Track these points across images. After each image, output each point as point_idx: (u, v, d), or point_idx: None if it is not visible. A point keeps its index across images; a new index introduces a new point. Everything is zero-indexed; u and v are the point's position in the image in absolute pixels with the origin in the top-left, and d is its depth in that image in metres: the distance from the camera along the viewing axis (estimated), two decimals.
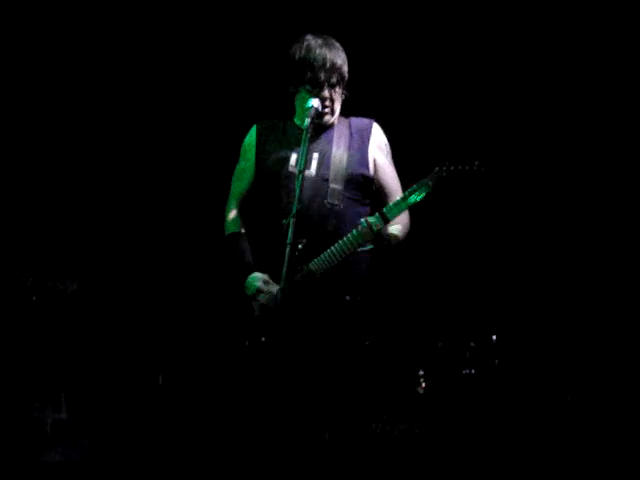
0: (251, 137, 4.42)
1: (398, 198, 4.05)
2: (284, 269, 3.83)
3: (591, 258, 6.09)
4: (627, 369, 5.77)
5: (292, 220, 3.87)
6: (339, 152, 4.24)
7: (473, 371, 5.74)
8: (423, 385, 5.72)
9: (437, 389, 5.75)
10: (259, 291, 4.13)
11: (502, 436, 5.51)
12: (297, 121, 4.36)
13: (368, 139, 4.32)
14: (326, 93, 4.19)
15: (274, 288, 4.08)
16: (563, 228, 6.14)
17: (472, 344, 5.80)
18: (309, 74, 4.16)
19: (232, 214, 4.41)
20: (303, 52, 4.18)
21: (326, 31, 4.29)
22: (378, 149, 4.33)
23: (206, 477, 5.51)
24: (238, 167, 4.46)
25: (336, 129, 4.31)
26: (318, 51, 4.16)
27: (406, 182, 4.17)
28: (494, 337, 5.80)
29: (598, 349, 5.88)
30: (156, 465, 5.69)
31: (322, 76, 4.15)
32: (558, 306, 6.02)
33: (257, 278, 4.16)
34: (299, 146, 4.14)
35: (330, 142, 4.27)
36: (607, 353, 5.86)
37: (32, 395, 5.85)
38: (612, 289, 5.98)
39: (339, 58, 4.21)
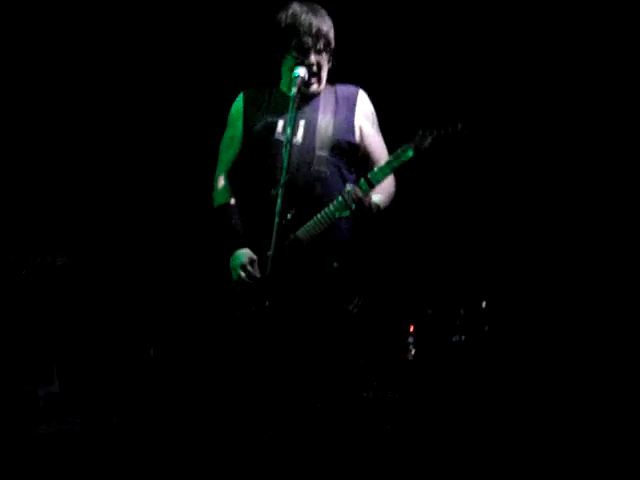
0: (238, 105, 4.42)
1: (383, 163, 4.06)
2: (273, 238, 3.84)
3: (581, 221, 6.09)
4: (619, 335, 5.78)
5: (281, 190, 3.88)
6: (325, 119, 4.24)
7: (463, 338, 5.75)
8: (412, 352, 5.74)
9: (427, 356, 5.77)
10: (242, 267, 4.13)
11: (492, 402, 5.53)
12: (283, 88, 4.36)
13: (354, 106, 4.31)
14: (312, 59, 4.18)
15: (257, 272, 4.11)
16: (552, 192, 6.13)
17: (462, 311, 5.81)
18: (295, 40, 4.15)
19: (221, 184, 4.40)
20: (289, 19, 4.17)
21: None
22: (364, 116, 4.33)
23: (199, 448, 5.52)
24: (225, 136, 4.45)
25: (322, 96, 4.30)
26: (304, 17, 4.16)
27: (392, 147, 4.16)
28: (484, 304, 5.81)
29: (590, 316, 5.88)
30: (149, 436, 5.70)
31: (308, 42, 4.14)
32: (548, 272, 6.03)
33: (244, 254, 4.17)
34: (286, 113, 4.16)
35: (316, 110, 4.27)
36: (599, 318, 5.86)
37: (24, 369, 5.85)
38: (603, 254, 5.98)
39: (325, 24, 4.20)
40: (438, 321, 5.85)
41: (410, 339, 5.76)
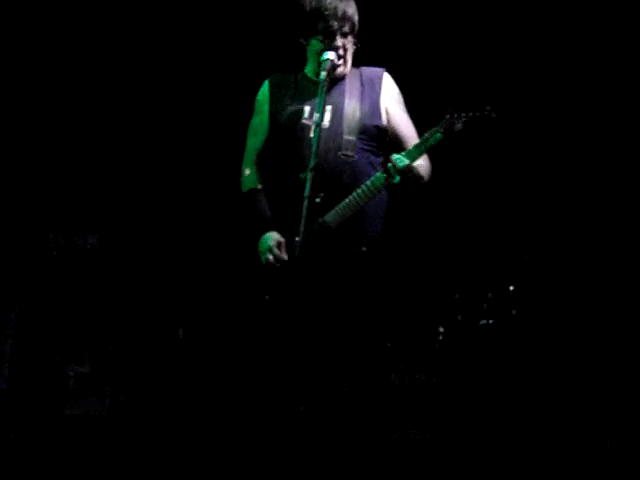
0: (264, 92, 4.43)
1: (411, 147, 4.06)
2: (302, 223, 3.84)
3: (612, 210, 6.05)
4: None
5: (309, 174, 3.87)
6: (352, 103, 4.24)
7: (491, 322, 5.74)
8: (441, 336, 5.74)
9: (455, 340, 5.76)
10: (270, 250, 4.14)
11: (519, 387, 5.52)
12: (308, 73, 4.36)
13: (379, 89, 4.31)
14: (339, 42, 4.17)
15: (284, 255, 4.12)
16: (581, 178, 6.10)
17: (489, 294, 5.79)
18: (321, 24, 4.15)
19: (249, 170, 4.42)
20: (314, 2, 4.17)
21: None
22: (390, 98, 4.32)
23: (226, 428, 5.55)
24: (252, 123, 4.46)
25: (348, 80, 4.30)
26: (329, 0, 4.15)
27: (419, 131, 4.17)
28: (511, 288, 5.79)
29: (616, 304, 5.85)
30: (177, 417, 5.73)
31: (335, 25, 4.14)
32: (576, 256, 5.99)
33: (272, 237, 4.18)
34: (312, 98, 4.19)
35: (342, 94, 4.27)
36: (625, 306, 5.83)
37: (55, 349, 5.90)
38: (633, 241, 5.95)
39: (350, 7, 4.21)
40: (465, 305, 5.84)
41: (440, 329, 5.76)
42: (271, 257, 4.13)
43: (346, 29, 4.18)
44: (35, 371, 5.82)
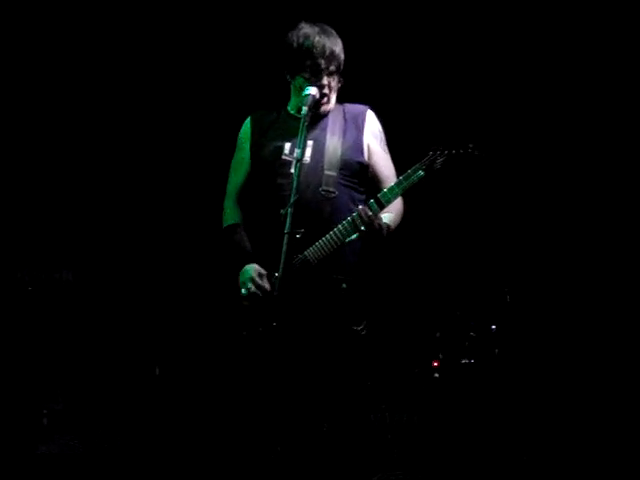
0: (246, 129, 4.44)
1: (393, 184, 4.03)
2: (282, 258, 3.81)
3: (591, 247, 6.06)
4: (628, 360, 5.74)
5: (290, 210, 3.86)
6: (334, 139, 4.23)
7: (472, 361, 5.72)
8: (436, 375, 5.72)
9: (436, 378, 5.73)
10: (252, 280, 4.10)
11: (501, 427, 5.49)
12: (291, 110, 4.37)
13: (362, 126, 4.30)
14: (325, 80, 4.18)
15: (266, 284, 4.08)
16: (562, 215, 6.11)
17: (472, 333, 5.78)
18: (309, 61, 4.15)
19: (229, 206, 4.43)
20: (301, 39, 4.17)
21: (317, 19, 4.27)
22: (372, 136, 4.31)
23: (203, 468, 5.49)
24: (234, 159, 4.47)
25: (330, 116, 4.30)
26: (317, 39, 4.16)
27: (401, 167, 4.13)
28: (493, 327, 5.77)
29: (598, 341, 5.85)
30: (153, 456, 5.67)
31: (322, 63, 4.14)
32: (558, 296, 6.00)
33: (253, 268, 4.14)
34: (293, 135, 4.17)
35: (324, 129, 4.26)
36: (607, 344, 5.84)
37: (29, 386, 5.82)
38: (612, 278, 5.95)
39: (337, 46, 4.22)
40: (448, 343, 5.82)
41: (435, 374, 5.73)
42: (253, 287, 4.09)
43: (332, 68, 4.18)
44: (8, 407, 5.73)
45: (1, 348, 5.87)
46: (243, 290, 4.13)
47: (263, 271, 4.13)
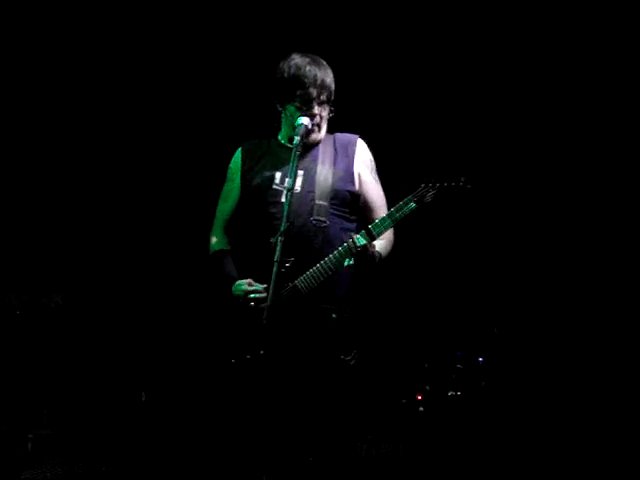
0: (237, 159, 4.45)
1: (384, 215, 4.04)
2: (271, 287, 3.82)
3: (580, 281, 6.07)
4: (619, 392, 5.74)
5: (280, 238, 3.86)
6: (324, 169, 4.24)
7: (459, 393, 5.71)
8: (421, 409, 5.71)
9: (424, 410, 5.72)
10: (247, 293, 4.10)
11: (487, 458, 5.48)
12: (281, 139, 4.38)
13: (353, 155, 4.31)
14: (316, 110, 4.20)
15: (260, 286, 4.09)
16: (552, 248, 6.12)
17: (458, 366, 5.77)
18: (300, 91, 4.16)
19: (217, 234, 4.45)
20: (293, 69, 4.19)
21: (307, 49, 4.31)
22: (363, 164, 4.32)
23: None
24: (224, 189, 4.48)
25: (321, 146, 4.31)
26: (309, 68, 4.18)
27: (392, 198, 4.16)
28: (480, 359, 5.78)
29: (585, 375, 5.85)
30: None
31: (313, 93, 4.16)
32: (545, 329, 6.00)
33: (242, 283, 4.16)
34: (283, 164, 4.21)
35: (315, 159, 4.27)
36: (595, 379, 5.83)
37: (14, 410, 5.79)
38: (601, 313, 5.96)
39: (328, 77, 4.24)
40: (434, 375, 5.81)
41: (420, 408, 5.72)
42: (249, 289, 4.10)
43: (323, 97, 4.20)
44: None
45: None
46: (251, 304, 4.11)
47: (250, 280, 4.14)
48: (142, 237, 6.52)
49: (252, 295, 4.11)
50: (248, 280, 4.15)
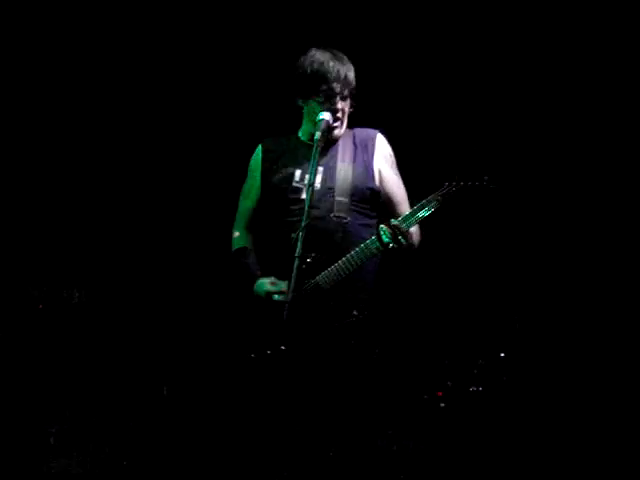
0: (257, 156, 4.47)
1: (407, 213, 4.03)
2: (292, 282, 3.81)
3: (603, 275, 6.04)
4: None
5: (301, 234, 3.86)
6: (344, 165, 4.24)
7: (481, 388, 5.69)
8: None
9: (445, 406, 5.70)
10: (270, 293, 4.11)
11: (510, 454, 5.46)
12: (302, 136, 4.39)
13: (373, 150, 4.31)
14: (339, 105, 4.21)
15: (283, 284, 4.09)
16: (576, 243, 6.09)
17: (480, 361, 5.76)
18: (324, 86, 4.16)
19: (238, 231, 4.48)
20: (316, 65, 4.19)
21: (327, 44, 4.31)
22: (383, 160, 4.32)
23: None
24: (245, 186, 4.51)
25: (341, 142, 4.32)
26: (332, 63, 4.19)
27: (415, 194, 4.15)
28: (502, 354, 5.76)
29: (607, 365, 5.83)
30: (160, 477, 5.65)
31: (337, 88, 4.17)
32: (568, 323, 5.98)
33: (264, 282, 4.18)
34: (303, 162, 4.24)
35: (335, 155, 4.28)
36: (617, 370, 5.81)
37: (37, 405, 5.82)
38: (622, 306, 5.93)
39: (350, 71, 4.25)
40: (456, 371, 5.80)
41: (442, 404, 5.71)
42: (276, 295, 4.12)
43: (346, 92, 4.21)
44: (15, 427, 5.73)
45: (12, 365, 5.88)
46: (274, 300, 4.13)
47: (273, 278, 4.17)
48: (165, 233, 6.53)
49: (275, 297, 4.12)
50: (271, 279, 4.15)
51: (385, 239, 3.99)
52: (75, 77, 6.42)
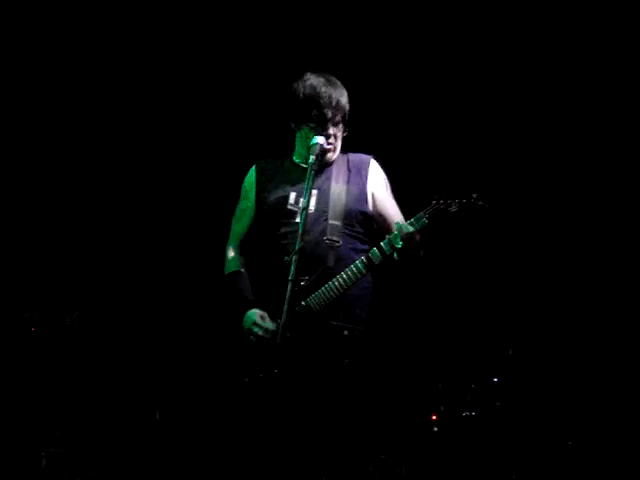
0: (250, 177, 4.46)
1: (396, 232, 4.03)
2: (285, 305, 3.82)
3: (594, 300, 6.05)
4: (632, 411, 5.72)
5: (294, 257, 3.86)
6: (338, 188, 4.24)
7: (474, 413, 5.69)
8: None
9: (438, 430, 5.70)
10: (255, 324, 4.10)
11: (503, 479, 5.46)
12: (296, 159, 4.39)
13: (366, 174, 4.31)
14: (331, 130, 4.21)
15: (270, 324, 4.08)
16: (567, 267, 6.10)
17: (473, 386, 5.76)
18: (315, 111, 4.17)
19: (232, 254, 4.44)
20: (308, 90, 4.20)
21: (321, 68, 4.31)
22: (377, 184, 4.32)
23: None
24: (238, 208, 4.49)
25: (335, 166, 4.32)
26: (324, 89, 4.19)
27: (405, 213, 4.17)
28: (495, 379, 5.76)
29: (600, 392, 5.83)
30: None
31: (328, 114, 4.17)
32: (560, 349, 5.98)
33: (255, 313, 4.15)
34: (297, 184, 4.23)
35: (329, 179, 4.28)
36: (611, 398, 5.81)
37: (29, 427, 5.80)
38: (614, 331, 5.94)
39: (343, 97, 4.25)
40: (449, 396, 5.80)
41: (435, 428, 5.70)
42: (260, 331, 4.08)
43: (338, 118, 4.21)
44: (8, 449, 5.71)
45: (3, 388, 5.86)
46: (252, 337, 4.12)
47: (264, 313, 4.13)
48: (157, 256, 6.54)
49: (256, 329, 4.11)
50: (261, 313, 4.15)
51: (385, 248, 4.00)
52: (69, 90, 6.45)
